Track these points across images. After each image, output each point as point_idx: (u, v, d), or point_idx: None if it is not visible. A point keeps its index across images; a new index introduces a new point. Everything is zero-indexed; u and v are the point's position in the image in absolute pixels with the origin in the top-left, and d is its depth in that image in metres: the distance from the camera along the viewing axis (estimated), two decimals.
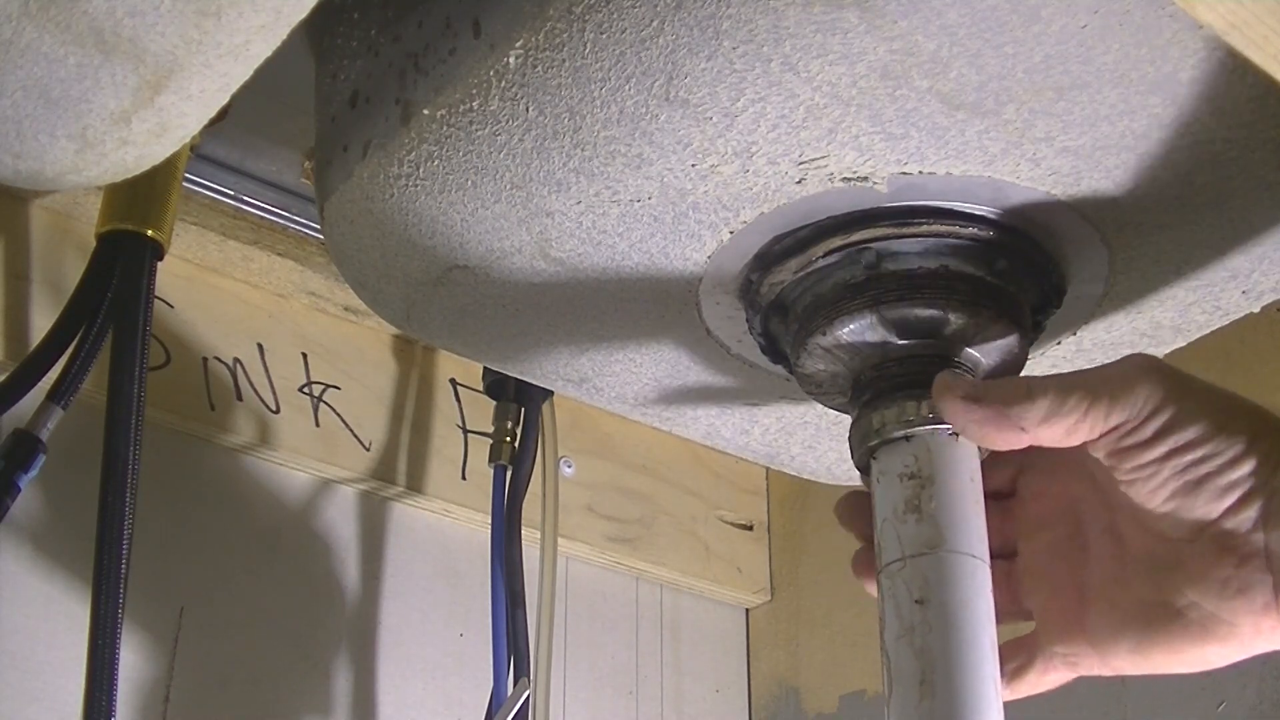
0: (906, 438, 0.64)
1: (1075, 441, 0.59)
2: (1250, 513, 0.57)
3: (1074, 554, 0.65)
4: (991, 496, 0.66)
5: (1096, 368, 0.61)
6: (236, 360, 1.05)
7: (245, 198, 1.04)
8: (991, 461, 0.66)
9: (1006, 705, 0.61)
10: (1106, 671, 0.63)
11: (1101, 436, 0.58)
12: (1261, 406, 0.59)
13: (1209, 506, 0.57)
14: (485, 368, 1.10)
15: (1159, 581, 0.60)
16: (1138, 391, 0.57)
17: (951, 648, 0.59)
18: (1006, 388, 0.60)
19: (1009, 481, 0.68)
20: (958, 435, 0.63)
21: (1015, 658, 0.65)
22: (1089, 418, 0.58)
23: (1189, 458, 0.57)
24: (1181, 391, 0.58)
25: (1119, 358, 0.61)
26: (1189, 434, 0.57)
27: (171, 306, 1.02)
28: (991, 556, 0.65)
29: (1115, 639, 0.62)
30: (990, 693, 0.59)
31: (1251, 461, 0.57)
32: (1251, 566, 0.57)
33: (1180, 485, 0.57)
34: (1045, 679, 0.65)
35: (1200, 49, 0.55)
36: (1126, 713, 0.96)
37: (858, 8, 0.53)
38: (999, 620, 0.66)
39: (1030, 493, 0.67)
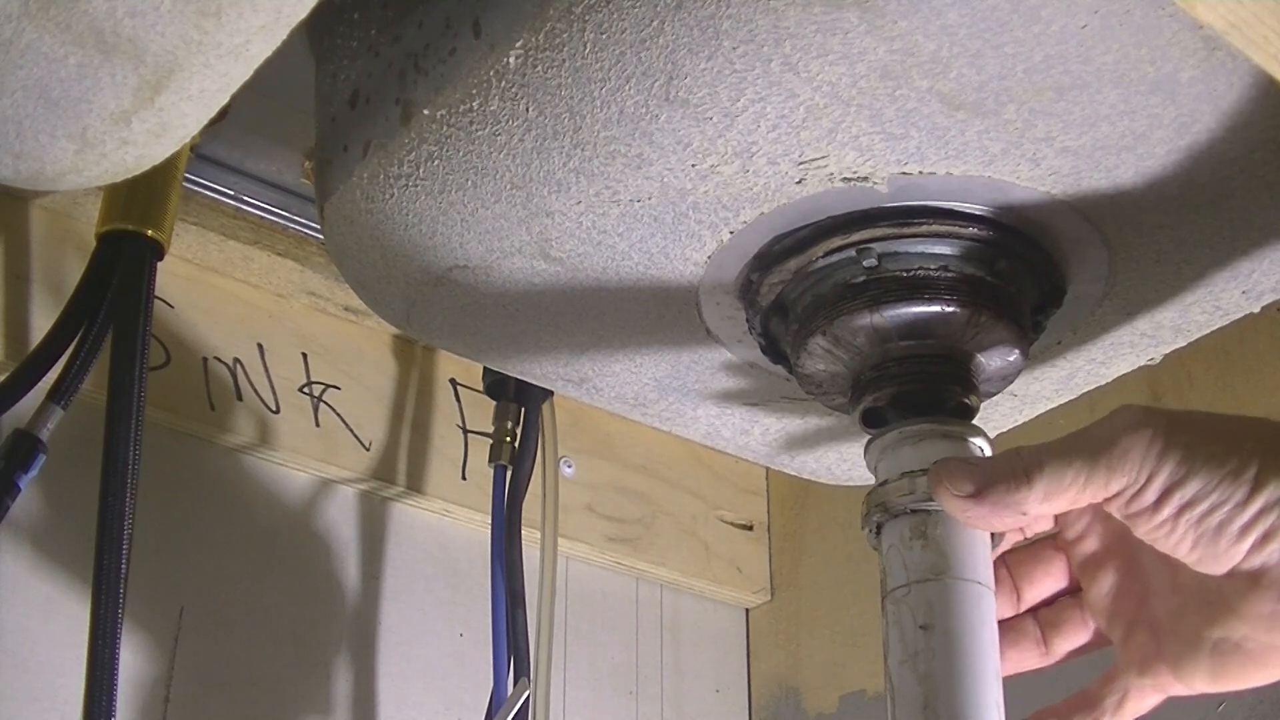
0: (910, 510, 0.63)
1: (1081, 506, 0.59)
2: (1275, 545, 0.56)
3: (1136, 588, 0.64)
4: (1034, 540, 0.66)
5: (1088, 429, 0.59)
6: (236, 360, 1.05)
7: (245, 198, 1.04)
8: None
9: (1005, 700, 0.61)
10: (1193, 693, 0.63)
11: (1107, 501, 0.58)
12: (1266, 425, 0.57)
13: (1233, 550, 0.56)
14: (485, 368, 1.10)
15: (1212, 616, 0.60)
16: (1133, 454, 0.57)
17: (955, 673, 0.59)
18: (1003, 472, 0.59)
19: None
20: None
21: (1112, 693, 0.65)
22: (1089, 488, 0.57)
23: (1199, 510, 0.56)
24: (1177, 442, 0.56)
25: (1110, 411, 0.58)
26: (1192, 489, 0.56)
27: (171, 306, 1.02)
28: (1059, 594, 0.66)
29: (1191, 669, 0.62)
30: (993, 719, 0.59)
31: (1263, 497, 0.55)
32: None
33: (1198, 536, 0.56)
34: (1143, 705, 0.65)
35: (1200, 49, 0.55)
36: None
37: (858, 8, 0.53)
38: (1082, 653, 0.67)
39: (1076, 532, 0.66)
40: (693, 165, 0.62)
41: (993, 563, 0.64)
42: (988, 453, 0.65)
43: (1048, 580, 0.67)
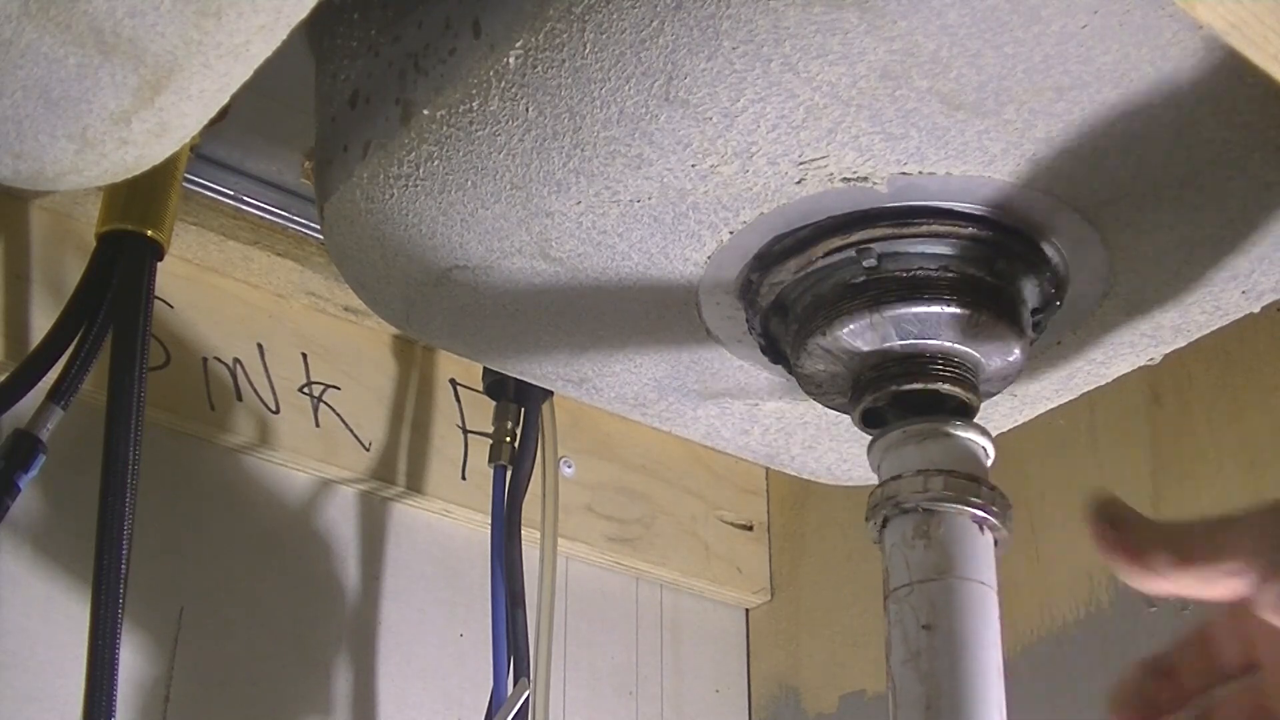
0: (917, 509, 0.63)
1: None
2: None
3: None
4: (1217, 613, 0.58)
5: (1258, 520, 0.52)
6: (236, 360, 1.05)
7: (245, 198, 1.04)
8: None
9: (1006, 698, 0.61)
10: None
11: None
12: None
13: None
14: (485, 368, 1.10)
15: None
16: None
17: (958, 673, 0.59)
18: (1186, 546, 0.52)
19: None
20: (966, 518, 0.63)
21: None
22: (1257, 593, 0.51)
23: None
24: None
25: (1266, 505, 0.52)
26: None
27: (171, 306, 1.02)
28: (1233, 674, 0.57)
29: None
30: (995, 719, 0.59)
31: None
32: None
33: None
34: None
35: (1200, 49, 0.55)
36: None
37: (858, 8, 0.53)
38: None
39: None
40: (693, 165, 0.62)
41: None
42: (990, 453, 0.65)
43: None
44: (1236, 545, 0.51)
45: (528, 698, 1.00)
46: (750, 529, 1.31)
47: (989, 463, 0.66)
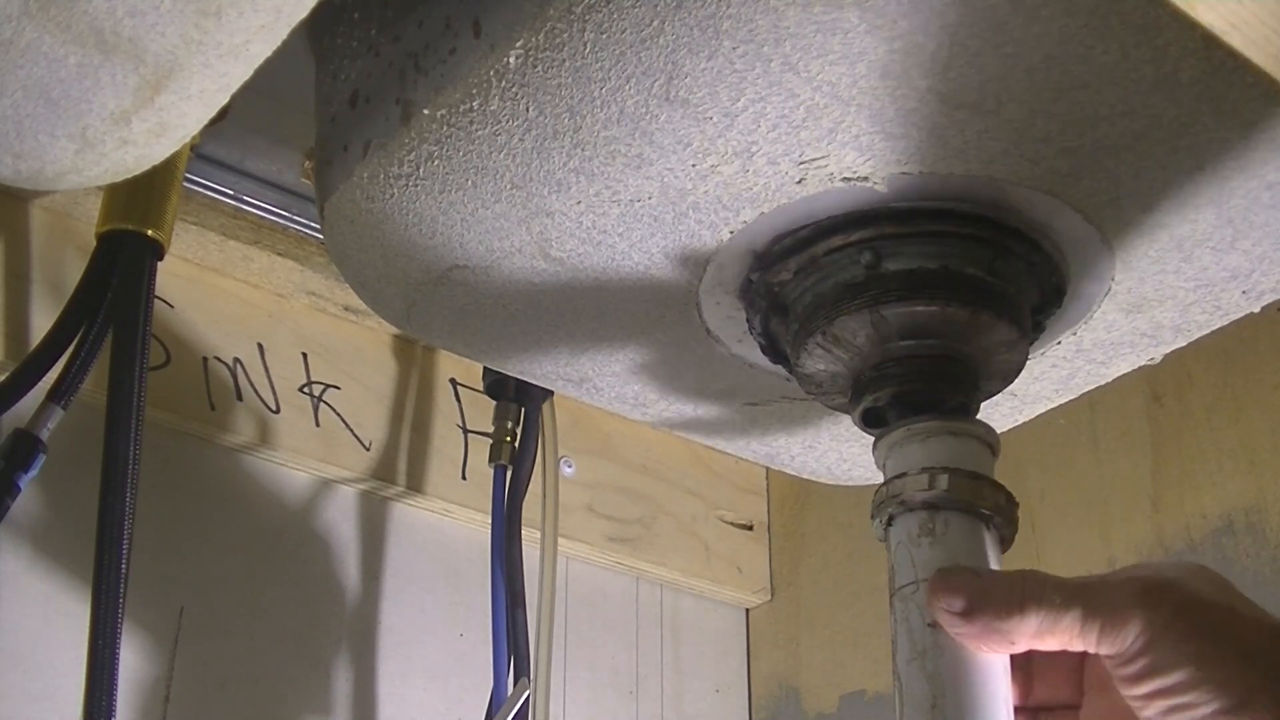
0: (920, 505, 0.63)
1: (1076, 650, 0.58)
2: None
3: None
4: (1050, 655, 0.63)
5: (1101, 581, 0.58)
6: (236, 360, 1.05)
7: (245, 198, 1.04)
8: None
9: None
10: None
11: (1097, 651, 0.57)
12: (1274, 657, 0.55)
13: None
14: (485, 368, 1.10)
15: None
16: (1129, 626, 0.55)
17: (963, 672, 0.59)
18: (1000, 597, 0.58)
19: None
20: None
21: None
22: (1080, 639, 0.57)
23: (1172, 702, 0.55)
24: (1175, 631, 0.55)
25: (1135, 573, 0.57)
26: (1171, 679, 0.55)
27: (171, 306, 1.03)
28: (1057, 706, 0.64)
29: None
30: (1002, 718, 0.59)
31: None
32: None
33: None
34: None
35: (1200, 49, 0.55)
36: None
37: (858, 7, 0.53)
38: None
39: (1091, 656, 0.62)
40: (693, 165, 0.62)
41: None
42: (995, 451, 0.65)
43: (1062, 689, 0.64)
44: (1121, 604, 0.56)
45: (528, 698, 1.00)
46: (750, 529, 1.31)
47: (994, 461, 0.66)
